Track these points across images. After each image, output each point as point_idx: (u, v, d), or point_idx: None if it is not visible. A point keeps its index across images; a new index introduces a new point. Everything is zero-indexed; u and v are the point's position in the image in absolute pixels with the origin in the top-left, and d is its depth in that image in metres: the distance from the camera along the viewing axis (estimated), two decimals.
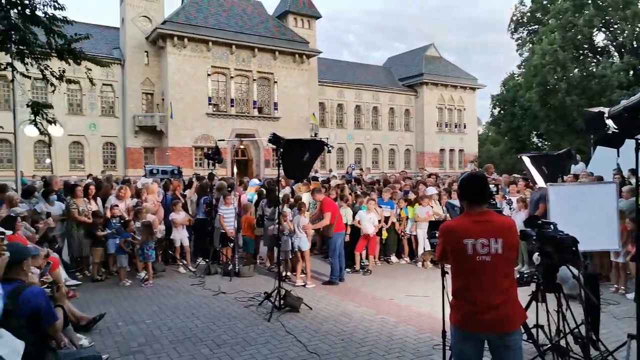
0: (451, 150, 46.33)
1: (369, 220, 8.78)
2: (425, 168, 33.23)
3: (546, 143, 38.43)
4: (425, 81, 43.98)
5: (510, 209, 8.85)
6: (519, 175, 11.22)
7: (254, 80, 34.68)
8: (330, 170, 23.57)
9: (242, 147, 34.56)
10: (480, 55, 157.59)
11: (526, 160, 6.95)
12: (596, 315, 4.25)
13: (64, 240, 8.47)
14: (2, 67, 6.40)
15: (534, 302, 4.18)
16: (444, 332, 3.86)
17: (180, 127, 31.66)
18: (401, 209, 9.74)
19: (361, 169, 17.89)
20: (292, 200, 9.01)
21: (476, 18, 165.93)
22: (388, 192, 9.58)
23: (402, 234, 9.72)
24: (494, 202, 6.45)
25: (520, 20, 42.20)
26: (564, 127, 33.40)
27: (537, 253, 3.79)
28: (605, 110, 4.54)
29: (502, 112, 42.15)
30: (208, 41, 32.46)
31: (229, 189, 9.42)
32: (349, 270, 8.75)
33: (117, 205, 8.49)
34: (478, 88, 48.14)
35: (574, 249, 3.51)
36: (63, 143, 29.42)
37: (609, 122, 4.38)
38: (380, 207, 9.37)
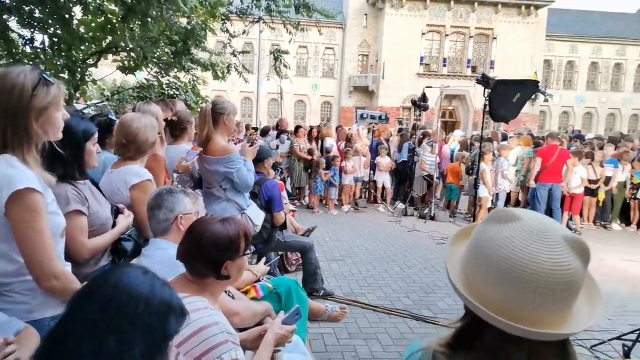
0: None
1: (572, 176, 7.89)
2: None
3: None
4: None
5: None
6: None
7: (471, 37, 32.98)
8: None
9: (450, 108, 33.69)
10: None
11: None
12: None
13: (288, 173, 10.04)
14: (255, 20, 7.78)
15: None
16: None
17: (391, 87, 32.58)
18: (634, 171, 8.36)
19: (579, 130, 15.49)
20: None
21: None
22: (611, 148, 8.31)
23: (632, 199, 8.38)
24: None
25: None
26: None
27: None
28: None
29: None
30: None
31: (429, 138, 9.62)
32: None
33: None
34: None
35: None
36: (290, 101, 33.73)
37: None
38: (602, 166, 8.23)
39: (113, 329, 0.84)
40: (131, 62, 8.93)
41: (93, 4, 7.65)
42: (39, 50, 6.92)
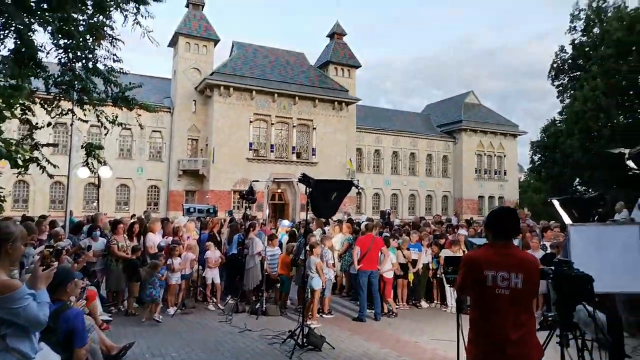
0: (490, 197, 45.22)
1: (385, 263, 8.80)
2: (463, 215, 32.52)
3: (589, 190, 36.92)
4: (464, 127, 43.85)
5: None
6: (555, 222, 10.92)
7: (294, 126, 35.80)
8: (368, 216, 23.52)
9: (279, 191, 35.21)
10: (522, 102, 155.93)
11: (556, 203, 6.86)
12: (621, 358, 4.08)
13: (103, 275, 8.90)
14: (64, 112, 7.08)
15: (559, 347, 4.08)
16: None
17: (221, 171, 32.80)
18: (433, 255, 9.66)
19: (389, 213, 17.60)
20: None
21: (517, 65, 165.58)
22: (416, 235, 9.59)
23: (433, 278, 9.60)
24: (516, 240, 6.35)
25: (561, 67, 41.84)
26: (608, 174, 32.13)
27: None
28: (626, 151, 4.55)
29: (542, 158, 41.16)
30: (252, 90, 34.07)
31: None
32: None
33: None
34: (519, 135, 47.41)
35: (588, 286, 3.47)
36: (111, 185, 31.12)
37: (630, 163, 4.39)
38: (409, 249, 9.34)
39: None
40: None
41: None
42: None
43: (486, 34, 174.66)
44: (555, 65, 42.00)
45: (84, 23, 6.53)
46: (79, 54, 6.79)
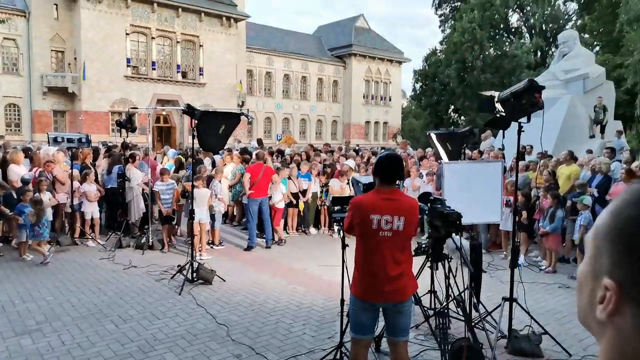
0: (376, 123, 47.53)
1: (276, 192, 8.91)
2: (351, 140, 33.86)
3: (462, 118, 40.73)
4: (354, 52, 44.28)
5: (423, 182, 9.43)
6: (430, 150, 11.85)
7: (178, 42, 32.99)
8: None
9: (164, 113, 32.98)
10: (408, 28, 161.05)
11: (433, 136, 7.36)
12: (478, 281, 4.74)
13: None
14: None
15: (429, 271, 4.57)
16: (342, 301, 4.14)
17: (96, 90, 29.51)
18: (321, 184, 9.96)
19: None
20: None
21: None
22: (306, 165, 9.77)
23: (321, 206, 10.00)
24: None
25: None
26: (477, 104, 35.68)
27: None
28: (496, 94, 4.93)
29: (423, 87, 43.86)
30: None
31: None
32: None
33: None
34: (404, 62, 49.32)
35: (458, 222, 3.86)
36: None
37: (498, 105, 4.79)
38: (298, 178, 9.53)
39: None
40: None
41: None
42: None
43: None
44: None
45: None
46: None
